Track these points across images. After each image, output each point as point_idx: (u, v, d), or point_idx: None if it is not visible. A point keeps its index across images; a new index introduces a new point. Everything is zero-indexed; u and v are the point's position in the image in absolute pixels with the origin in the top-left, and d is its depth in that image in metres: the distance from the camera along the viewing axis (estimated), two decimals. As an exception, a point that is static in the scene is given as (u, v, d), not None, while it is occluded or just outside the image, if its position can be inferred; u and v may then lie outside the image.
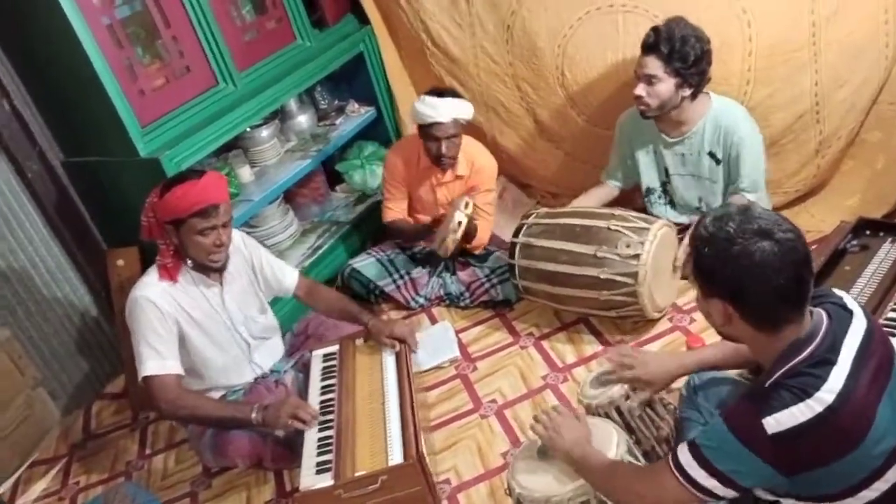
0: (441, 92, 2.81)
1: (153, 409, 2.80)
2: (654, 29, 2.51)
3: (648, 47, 2.51)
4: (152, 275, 2.24)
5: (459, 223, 2.69)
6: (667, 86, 2.51)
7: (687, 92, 2.54)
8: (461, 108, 2.78)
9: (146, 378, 2.17)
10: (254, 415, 2.17)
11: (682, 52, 2.45)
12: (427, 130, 2.78)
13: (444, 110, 2.73)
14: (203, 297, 2.29)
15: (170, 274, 2.23)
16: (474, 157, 2.96)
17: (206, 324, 2.30)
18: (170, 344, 2.20)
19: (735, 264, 1.32)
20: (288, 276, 2.55)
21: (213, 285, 2.31)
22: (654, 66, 2.49)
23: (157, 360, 2.17)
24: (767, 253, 1.30)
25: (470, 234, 2.84)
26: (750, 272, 1.31)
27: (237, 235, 2.42)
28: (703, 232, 1.37)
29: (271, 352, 2.52)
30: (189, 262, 2.25)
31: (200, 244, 2.17)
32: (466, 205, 2.73)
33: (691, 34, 2.46)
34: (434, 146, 2.80)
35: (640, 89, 2.54)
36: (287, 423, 2.14)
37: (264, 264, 2.48)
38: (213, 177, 2.20)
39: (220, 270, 2.31)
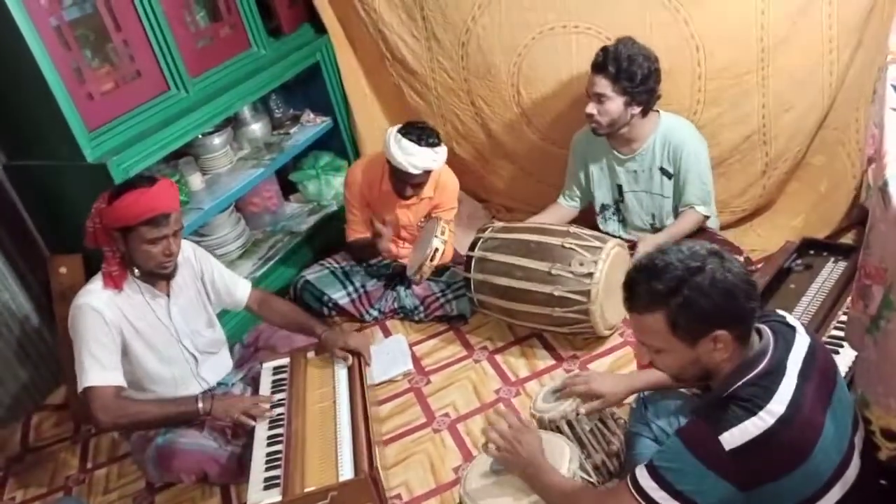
0: (420, 136, 2.67)
1: (92, 422, 2.72)
2: (603, 49, 2.56)
3: (597, 67, 2.56)
4: (97, 283, 2.17)
5: (436, 250, 2.63)
6: (616, 104, 2.56)
7: (636, 110, 2.59)
8: (435, 159, 2.70)
9: (86, 389, 2.10)
10: (200, 405, 2.14)
11: (629, 71, 2.50)
12: (396, 169, 2.73)
13: (419, 162, 2.65)
14: (149, 307, 2.23)
15: (115, 282, 2.16)
16: (438, 176, 2.90)
17: (151, 335, 2.24)
18: (113, 355, 2.14)
19: (721, 289, 1.33)
20: (240, 289, 2.50)
21: (159, 296, 2.25)
22: (602, 85, 2.54)
23: (99, 371, 2.10)
24: (732, 266, 1.36)
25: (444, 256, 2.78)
26: (734, 290, 1.35)
27: (188, 246, 2.37)
28: (670, 284, 1.35)
29: (218, 366, 2.46)
30: (135, 270, 2.19)
31: (149, 253, 2.12)
32: (443, 231, 2.65)
33: (638, 53, 2.52)
34: (400, 186, 2.77)
35: (591, 108, 2.60)
36: (236, 417, 2.13)
37: (216, 276, 2.43)
38: (165, 185, 2.15)
39: (168, 280, 2.25)
